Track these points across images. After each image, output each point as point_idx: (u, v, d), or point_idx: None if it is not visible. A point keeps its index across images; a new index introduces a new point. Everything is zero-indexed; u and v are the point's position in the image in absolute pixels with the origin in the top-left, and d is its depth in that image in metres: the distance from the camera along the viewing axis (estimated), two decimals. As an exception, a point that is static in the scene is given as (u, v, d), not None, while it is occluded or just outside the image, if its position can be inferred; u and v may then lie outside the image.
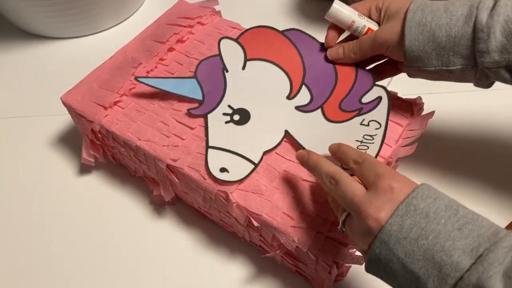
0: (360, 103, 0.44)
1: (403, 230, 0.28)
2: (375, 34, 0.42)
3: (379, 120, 0.42)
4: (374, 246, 0.29)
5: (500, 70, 0.36)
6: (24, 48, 0.68)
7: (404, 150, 0.42)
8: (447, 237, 0.27)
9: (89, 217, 0.49)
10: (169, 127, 0.45)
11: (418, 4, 0.39)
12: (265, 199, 0.39)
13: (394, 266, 0.29)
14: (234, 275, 0.45)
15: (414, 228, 0.28)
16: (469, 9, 0.37)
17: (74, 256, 0.47)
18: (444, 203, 0.29)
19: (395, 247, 0.28)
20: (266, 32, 0.49)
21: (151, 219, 0.49)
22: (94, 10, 0.65)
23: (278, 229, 0.38)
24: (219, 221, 0.46)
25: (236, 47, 0.48)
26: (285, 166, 0.41)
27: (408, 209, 0.28)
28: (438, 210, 0.28)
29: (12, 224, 0.49)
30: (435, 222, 0.28)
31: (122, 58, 0.51)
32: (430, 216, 0.28)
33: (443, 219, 0.28)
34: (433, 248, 0.27)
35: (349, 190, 0.31)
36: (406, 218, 0.28)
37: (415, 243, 0.28)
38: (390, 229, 0.28)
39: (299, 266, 0.41)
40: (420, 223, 0.28)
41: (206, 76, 0.47)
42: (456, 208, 0.28)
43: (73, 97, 0.47)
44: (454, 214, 0.28)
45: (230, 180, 0.40)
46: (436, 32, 0.37)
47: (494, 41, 0.35)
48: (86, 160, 0.49)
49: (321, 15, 0.70)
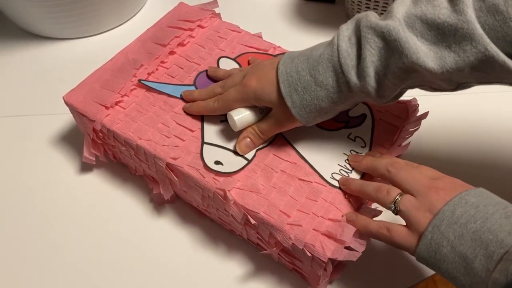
0: (347, 116, 0.46)
1: (454, 216, 0.31)
2: (275, 124, 0.42)
3: (364, 139, 0.44)
4: (426, 232, 0.32)
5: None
6: (27, 48, 0.68)
7: (398, 149, 0.43)
8: (494, 222, 0.30)
9: (89, 214, 0.50)
10: (169, 128, 0.45)
11: (284, 79, 0.39)
12: (263, 197, 0.40)
13: (444, 250, 0.31)
14: (232, 273, 0.46)
15: (464, 215, 0.31)
16: (335, 75, 0.37)
17: (74, 254, 0.47)
18: (495, 201, 0.32)
19: (446, 230, 0.31)
20: (261, 57, 0.52)
21: (151, 217, 0.50)
22: (96, 12, 0.66)
23: (275, 226, 0.39)
24: (217, 219, 0.47)
25: (233, 64, 0.51)
26: (282, 167, 0.42)
27: (460, 201, 0.32)
28: (488, 204, 0.31)
29: (13, 222, 0.50)
30: (483, 211, 0.31)
31: (123, 59, 0.51)
32: (479, 207, 0.31)
33: (491, 210, 0.31)
34: (481, 230, 0.30)
35: (413, 173, 0.36)
36: (458, 208, 0.32)
37: (465, 227, 0.31)
38: (443, 216, 0.32)
39: (296, 263, 0.42)
40: (470, 212, 0.31)
41: (205, 85, 0.49)
42: (506, 204, 0.31)
43: (75, 96, 0.48)
44: (503, 208, 0.31)
45: (224, 171, 0.41)
46: (321, 105, 0.38)
47: (372, 90, 0.36)
48: (87, 158, 0.50)
49: (319, 17, 0.72)
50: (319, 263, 0.38)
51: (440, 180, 0.35)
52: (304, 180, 0.41)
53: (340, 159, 0.43)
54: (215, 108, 0.44)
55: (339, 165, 0.42)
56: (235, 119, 0.42)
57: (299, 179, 0.41)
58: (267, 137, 0.43)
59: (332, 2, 0.74)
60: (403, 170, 0.37)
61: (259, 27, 0.59)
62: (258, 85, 0.41)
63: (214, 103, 0.44)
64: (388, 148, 0.44)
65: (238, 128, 0.43)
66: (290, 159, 0.43)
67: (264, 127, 0.42)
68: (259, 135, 0.43)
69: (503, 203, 0.32)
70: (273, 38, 0.55)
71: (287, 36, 0.68)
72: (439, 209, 0.32)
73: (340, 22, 0.69)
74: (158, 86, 0.49)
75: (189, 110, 0.46)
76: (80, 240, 0.48)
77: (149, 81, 0.49)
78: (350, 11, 0.68)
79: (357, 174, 0.42)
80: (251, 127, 0.43)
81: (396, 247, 0.35)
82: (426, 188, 0.34)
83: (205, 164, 0.42)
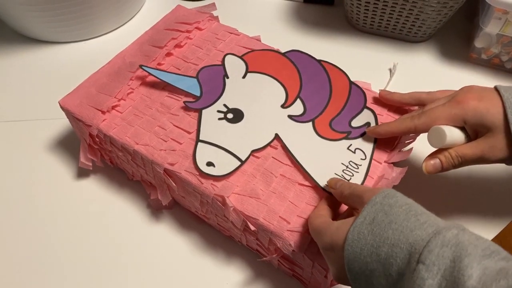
0: (350, 126, 0.45)
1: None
2: (483, 153, 0.38)
3: (365, 151, 0.43)
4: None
5: None
6: (22, 52, 0.68)
7: (400, 155, 0.42)
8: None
9: (86, 220, 0.49)
10: (166, 131, 0.45)
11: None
12: (262, 203, 0.39)
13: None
14: (231, 279, 0.45)
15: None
16: None
17: (71, 260, 0.47)
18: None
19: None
20: (268, 54, 0.52)
21: (149, 223, 0.49)
22: (92, 15, 0.65)
23: (275, 233, 0.38)
24: (216, 225, 0.46)
25: (239, 61, 0.50)
26: (281, 171, 0.42)
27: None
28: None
29: (9, 228, 0.49)
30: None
31: (120, 63, 0.51)
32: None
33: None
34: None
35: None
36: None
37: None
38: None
39: (296, 270, 0.42)
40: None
41: (207, 79, 0.49)
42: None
43: (71, 101, 0.47)
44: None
45: (214, 174, 0.41)
46: None
47: None
48: (84, 164, 0.49)
49: (318, 19, 0.71)
50: (320, 270, 0.37)
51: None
52: (304, 185, 0.41)
53: (337, 168, 0.42)
54: (415, 125, 0.40)
55: (335, 174, 0.41)
56: (447, 133, 0.38)
57: (299, 184, 0.41)
58: (461, 165, 0.39)
59: (330, 4, 0.73)
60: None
61: (258, 30, 0.58)
62: (480, 104, 0.38)
63: (413, 120, 0.40)
64: (390, 153, 0.43)
65: (443, 144, 0.38)
66: (290, 163, 0.42)
67: (467, 152, 0.38)
68: (453, 160, 0.39)
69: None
70: (272, 41, 0.54)
71: (285, 39, 0.68)
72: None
73: (339, 24, 0.70)
74: (159, 74, 0.48)
75: (376, 132, 0.43)
76: (77, 246, 0.48)
77: (150, 67, 0.49)
78: (349, 13, 0.68)
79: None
80: (448, 150, 0.39)
81: None
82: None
83: (197, 167, 0.41)
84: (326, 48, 0.67)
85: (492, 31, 0.57)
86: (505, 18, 0.55)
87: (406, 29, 0.65)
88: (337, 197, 0.37)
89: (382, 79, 0.62)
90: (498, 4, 0.53)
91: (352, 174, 0.41)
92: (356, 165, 0.42)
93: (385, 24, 0.65)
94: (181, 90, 0.48)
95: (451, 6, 0.59)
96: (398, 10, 0.62)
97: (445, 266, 0.26)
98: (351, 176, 0.41)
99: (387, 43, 0.67)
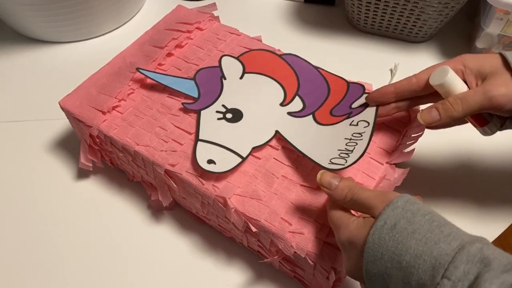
0: (350, 108, 0.45)
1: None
2: (485, 89, 0.36)
3: (367, 120, 0.42)
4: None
5: None
6: (22, 52, 0.68)
7: (402, 156, 0.42)
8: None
9: (86, 221, 0.49)
10: (167, 132, 0.45)
11: None
12: (263, 204, 0.39)
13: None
14: (232, 281, 0.45)
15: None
16: None
17: (71, 261, 0.46)
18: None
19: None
20: (264, 54, 0.51)
21: (149, 224, 0.49)
22: (93, 15, 0.65)
23: (276, 234, 0.38)
24: (217, 226, 0.46)
25: (236, 62, 0.50)
26: (283, 172, 0.42)
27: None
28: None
29: (8, 228, 0.49)
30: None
31: (120, 63, 0.51)
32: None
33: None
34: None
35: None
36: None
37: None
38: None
39: (297, 271, 0.41)
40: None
41: (204, 81, 0.48)
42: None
43: (71, 101, 0.47)
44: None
45: (216, 171, 0.40)
46: None
47: None
48: (84, 164, 0.49)
49: (319, 19, 0.71)
50: (321, 272, 0.37)
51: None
52: (306, 186, 0.41)
53: (340, 144, 0.40)
54: (416, 76, 0.40)
55: (338, 150, 0.40)
56: (450, 70, 0.37)
57: (301, 185, 0.41)
58: (463, 111, 0.37)
59: (331, 5, 0.73)
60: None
61: (258, 30, 0.58)
62: (476, 55, 0.38)
63: (414, 75, 0.40)
64: (391, 153, 0.43)
65: (445, 80, 0.37)
66: (291, 164, 0.42)
67: (468, 94, 0.36)
68: (452, 106, 0.37)
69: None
70: (273, 41, 0.54)
71: (286, 39, 0.68)
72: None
73: (340, 24, 0.70)
74: (156, 76, 0.48)
75: (376, 92, 0.42)
76: (77, 247, 0.47)
77: (147, 70, 0.49)
78: (349, 13, 0.67)
79: (356, 155, 0.39)
80: (446, 98, 0.38)
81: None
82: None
83: (198, 165, 0.41)
84: (327, 48, 0.67)
85: (493, 31, 0.57)
86: (507, 18, 0.55)
87: (407, 29, 0.65)
88: (337, 201, 0.35)
89: (383, 80, 0.62)
90: (499, 4, 0.53)
91: (355, 143, 0.40)
92: (359, 134, 0.41)
93: (386, 24, 0.65)
94: (181, 92, 0.47)
95: (452, 6, 0.59)
96: (399, 10, 0.61)
97: (469, 282, 0.26)
98: (354, 146, 0.40)
99: (388, 44, 0.67)
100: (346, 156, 0.39)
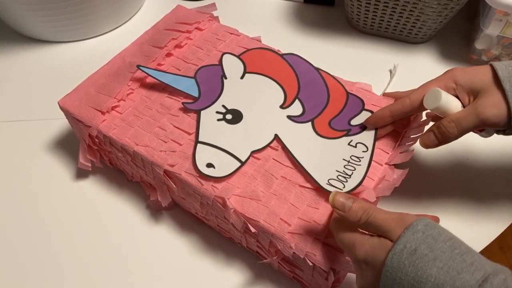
0: (349, 124, 0.45)
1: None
2: (477, 111, 0.37)
3: (366, 144, 0.43)
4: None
5: None
6: (22, 51, 0.67)
7: (401, 156, 0.42)
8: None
9: (85, 221, 0.49)
10: (166, 132, 0.45)
11: (505, 73, 0.37)
12: (263, 205, 0.39)
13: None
14: (231, 281, 0.45)
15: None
16: None
17: (70, 261, 0.46)
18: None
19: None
20: (266, 53, 0.51)
21: (148, 224, 0.49)
22: (92, 15, 0.65)
23: (275, 235, 0.38)
24: (216, 226, 0.46)
25: (237, 61, 0.50)
26: (282, 172, 0.42)
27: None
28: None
29: (7, 229, 0.49)
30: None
31: (119, 63, 0.51)
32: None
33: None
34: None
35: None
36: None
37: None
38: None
39: (296, 272, 0.41)
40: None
41: (205, 80, 0.49)
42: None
43: (70, 101, 0.47)
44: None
45: (215, 176, 0.40)
46: None
47: None
48: (83, 164, 0.49)
49: (318, 20, 0.71)
50: (320, 273, 0.37)
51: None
52: (305, 187, 0.41)
53: (338, 165, 0.42)
54: (410, 99, 0.40)
55: (337, 171, 0.41)
56: (443, 93, 0.38)
57: (300, 186, 0.41)
58: (459, 132, 0.38)
59: (331, 5, 0.73)
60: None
61: (258, 30, 0.58)
62: (467, 68, 0.39)
63: (408, 96, 0.41)
64: (390, 154, 0.43)
65: (439, 104, 0.38)
66: (291, 165, 0.42)
67: (460, 115, 0.38)
68: (446, 128, 0.38)
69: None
70: (272, 41, 0.54)
71: (286, 39, 0.68)
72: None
73: (339, 25, 0.70)
74: (157, 74, 0.48)
75: (374, 116, 0.43)
76: (76, 247, 0.47)
77: (148, 68, 0.49)
78: (349, 14, 0.67)
79: (354, 181, 0.40)
80: (440, 120, 0.39)
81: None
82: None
83: (197, 168, 0.41)
84: (326, 49, 0.67)
85: (492, 32, 0.57)
86: (506, 19, 0.55)
87: (407, 30, 0.65)
88: (350, 223, 0.34)
89: (382, 80, 0.62)
90: (499, 5, 0.53)
91: (354, 168, 0.41)
92: (358, 158, 0.42)
93: (386, 25, 0.65)
94: (181, 91, 0.47)
95: (452, 7, 0.59)
96: (399, 11, 0.61)
97: None
98: (352, 171, 0.41)
99: (388, 44, 0.67)
100: (344, 181, 0.40)
